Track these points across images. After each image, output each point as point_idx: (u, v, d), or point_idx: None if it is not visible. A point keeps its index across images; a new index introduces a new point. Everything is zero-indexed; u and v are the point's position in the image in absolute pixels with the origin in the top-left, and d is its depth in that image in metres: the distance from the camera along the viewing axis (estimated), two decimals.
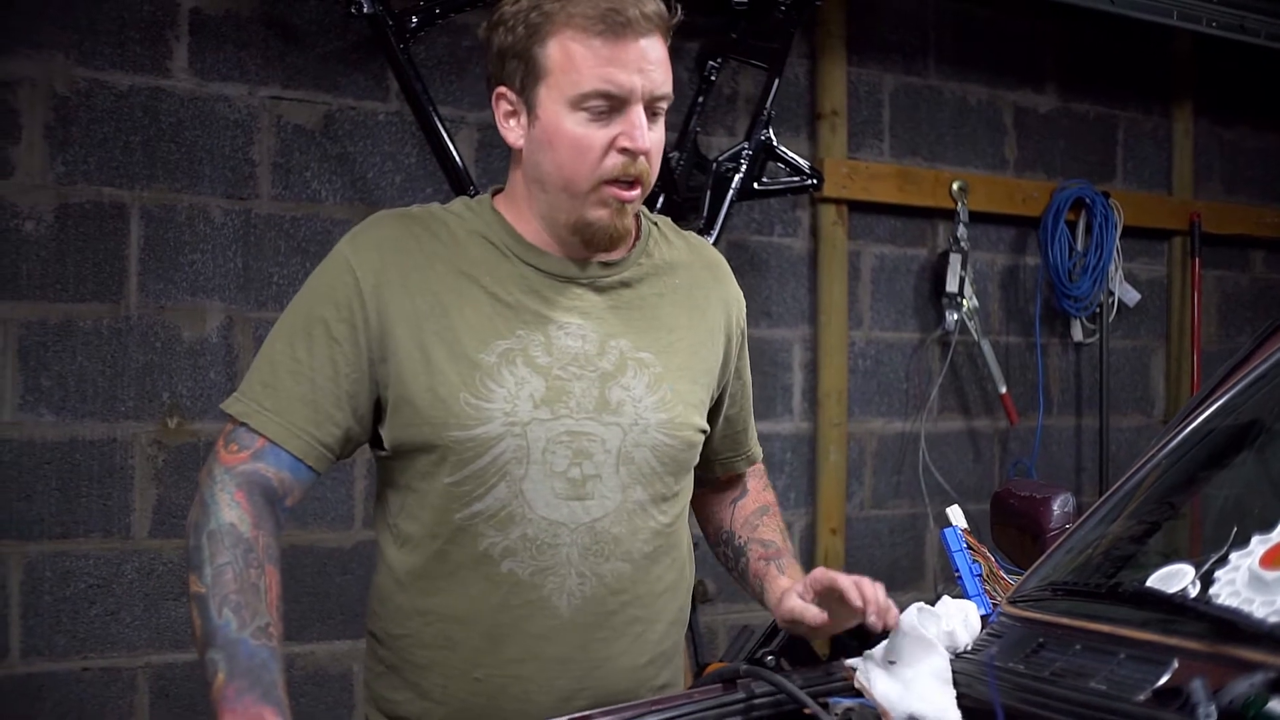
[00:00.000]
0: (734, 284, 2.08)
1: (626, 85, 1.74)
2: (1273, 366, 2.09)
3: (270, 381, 1.80)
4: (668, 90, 1.79)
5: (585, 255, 1.87)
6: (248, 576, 1.67)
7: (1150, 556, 1.92)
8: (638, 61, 1.74)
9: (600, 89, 1.73)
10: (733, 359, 2.04)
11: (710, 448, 2.06)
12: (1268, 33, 4.78)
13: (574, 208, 1.80)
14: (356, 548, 3.65)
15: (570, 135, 1.76)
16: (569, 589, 1.81)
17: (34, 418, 3.30)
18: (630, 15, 1.73)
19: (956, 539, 2.15)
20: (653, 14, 1.76)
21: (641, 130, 1.75)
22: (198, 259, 3.48)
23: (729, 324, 2.03)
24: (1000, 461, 4.88)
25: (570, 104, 1.75)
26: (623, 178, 1.78)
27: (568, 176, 1.78)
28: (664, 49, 1.79)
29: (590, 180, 1.77)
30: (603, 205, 1.79)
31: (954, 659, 1.69)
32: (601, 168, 1.77)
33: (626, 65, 1.73)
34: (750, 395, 2.16)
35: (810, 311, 4.46)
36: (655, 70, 1.76)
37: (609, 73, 1.73)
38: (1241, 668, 1.39)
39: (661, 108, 1.80)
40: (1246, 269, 5.54)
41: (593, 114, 1.75)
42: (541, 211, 1.85)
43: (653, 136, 1.79)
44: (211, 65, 3.49)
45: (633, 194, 1.80)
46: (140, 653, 3.41)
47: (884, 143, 4.61)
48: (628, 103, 1.75)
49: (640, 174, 1.79)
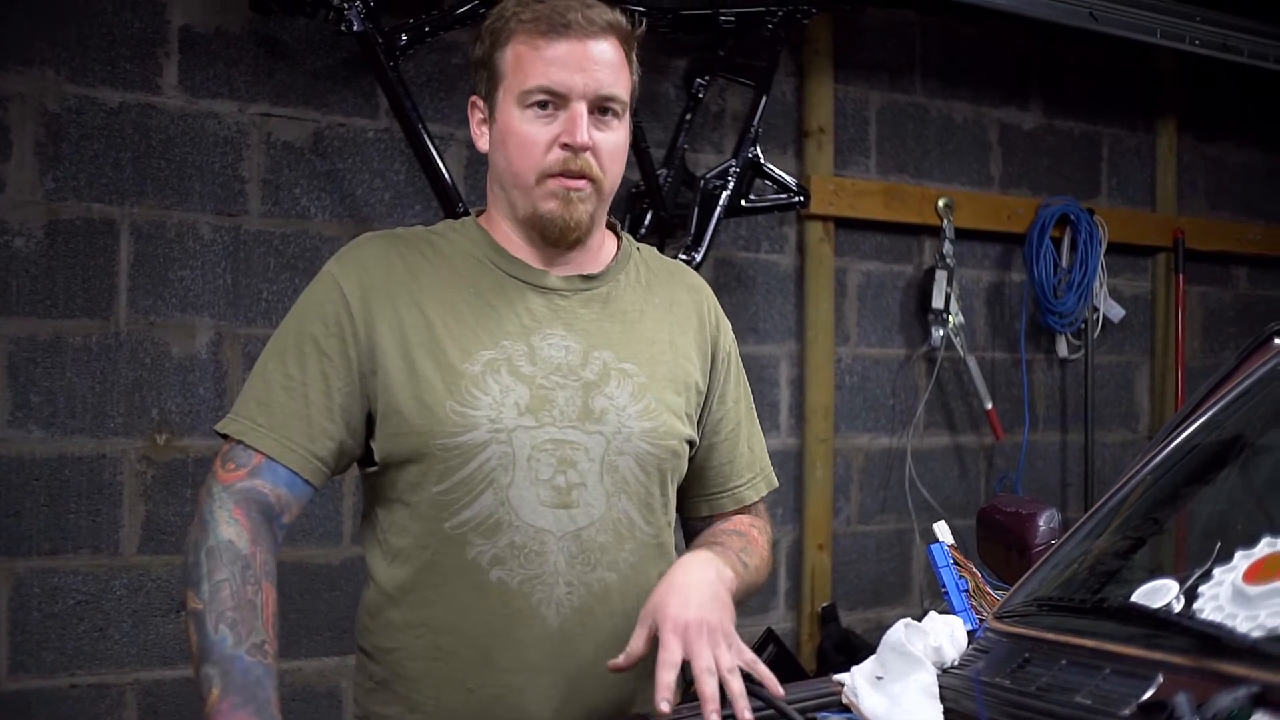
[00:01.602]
0: (717, 309, 2.09)
1: (566, 83, 1.82)
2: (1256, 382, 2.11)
3: (264, 399, 1.82)
4: (616, 91, 1.86)
5: (554, 257, 1.92)
6: (245, 593, 1.68)
7: (1135, 572, 1.93)
8: (579, 61, 1.83)
9: (541, 85, 1.82)
10: (717, 382, 2.04)
11: (694, 482, 2.05)
12: (1251, 51, 4.81)
13: (527, 202, 1.87)
14: (344, 564, 3.65)
15: (517, 132, 1.85)
16: (557, 598, 1.82)
17: (23, 434, 3.30)
18: (571, 19, 1.83)
19: (943, 554, 2.16)
20: (598, 19, 1.85)
21: (580, 126, 1.82)
22: (187, 275, 3.48)
23: (713, 344, 2.04)
24: (986, 477, 4.89)
25: (518, 102, 1.84)
26: (565, 172, 1.84)
27: (516, 171, 1.86)
28: (615, 53, 1.87)
29: (535, 173, 1.85)
30: (551, 197, 1.85)
31: (941, 674, 1.70)
32: (545, 162, 1.84)
33: (567, 65, 1.82)
34: (745, 432, 2.10)
35: (797, 328, 4.47)
36: (599, 70, 1.84)
37: (549, 71, 1.82)
38: (1226, 682, 1.40)
39: (613, 108, 1.87)
40: (1230, 285, 5.57)
41: (537, 111, 1.83)
42: (507, 212, 1.92)
43: (604, 136, 1.86)
44: (201, 82, 3.50)
45: (578, 183, 1.85)
46: (129, 669, 3.41)
47: (870, 160, 4.63)
48: (569, 100, 1.82)
49: (583, 169, 1.84)
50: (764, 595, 4.39)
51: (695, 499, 2.08)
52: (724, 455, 2.07)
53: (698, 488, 2.07)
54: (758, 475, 2.12)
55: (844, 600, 4.51)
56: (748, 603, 4.36)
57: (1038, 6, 4.33)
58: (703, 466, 2.06)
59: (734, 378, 2.09)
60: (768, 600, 4.41)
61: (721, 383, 2.06)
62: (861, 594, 4.61)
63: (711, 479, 2.07)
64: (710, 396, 2.04)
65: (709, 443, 2.06)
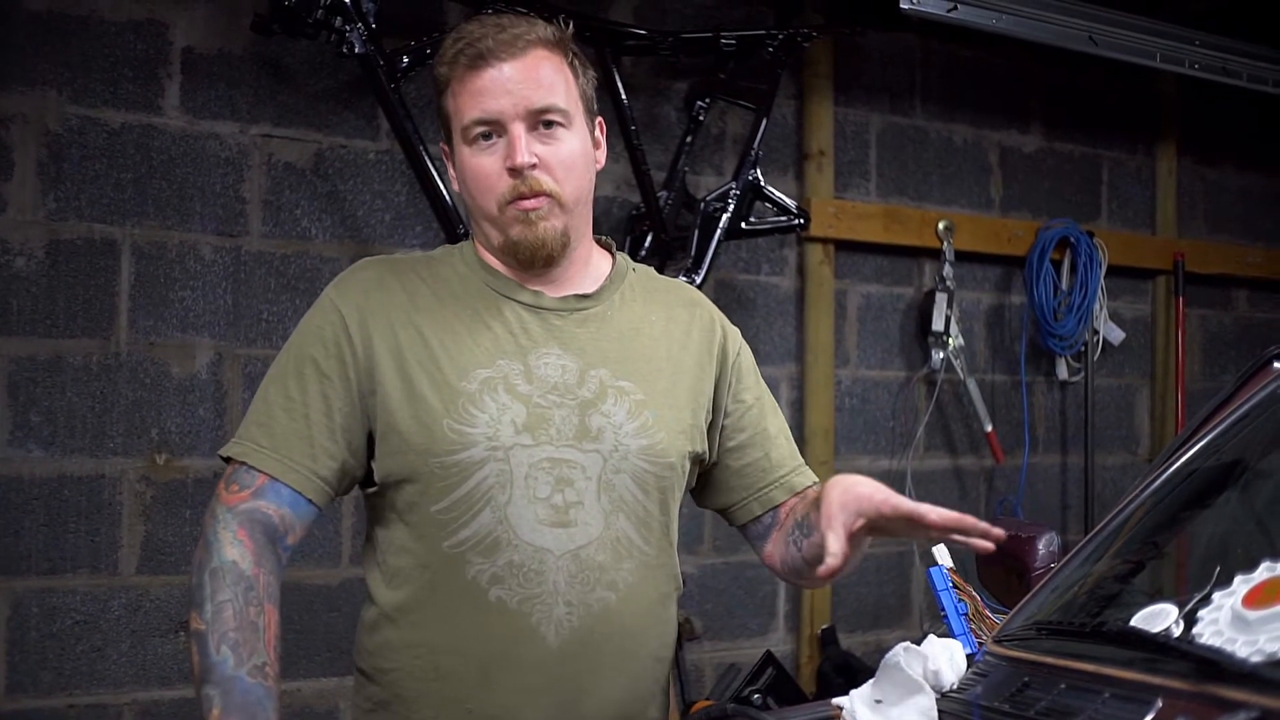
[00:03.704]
0: (717, 316, 2.09)
1: (494, 109, 1.84)
2: (1256, 406, 2.11)
3: (265, 421, 1.84)
4: (551, 101, 1.86)
5: (541, 278, 1.93)
6: (247, 615, 1.70)
7: (1135, 596, 1.93)
8: (503, 84, 1.84)
9: (475, 117, 1.86)
10: (727, 385, 2.04)
11: (735, 486, 2.05)
12: (1250, 74, 4.82)
13: (497, 231, 1.90)
14: (343, 585, 3.64)
15: (469, 168, 1.88)
16: (556, 618, 1.82)
17: (22, 453, 3.30)
18: (485, 47, 1.85)
19: (942, 578, 2.17)
20: (515, 37, 1.86)
21: (518, 147, 1.83)
22: (188, 296, 3.49)
23: (715, 351, 2.03)
24: (986, 500, 4.89)
25: (463, 140, 1.88)
26: (518, 196, 1.85)
27: (479, 205, 1.90)
28: (546, 64, 1.87)
29: (495, 203, 1.87)
30: (515, 223, 1.87)
31: (940, 698, 1.70)
32: (498, 192, 1.86)
33: (492, 91, 1.84)
34: (771, 422, 2.08)
35: (797, 350, 4.47)
36: (525, 87, 1.84)
37: (478, 101, 1.85)
38: (1225, 707, 1.40)
39: (554, 119, 1.87)
40: (1230, 308, 5.57)
41: (484, 142, 1.86)
42: (486, 244, 1.94)
43: (550, 148, 1.87)
44: (203, 103, 3.51)
45: (533, 203, 1.85)
46: (126, 690, 3.40)
47: (870, 182, 4.64)
48: (504, 124, 1.84)
49: (534, 188, 1.85)
50: (763, 617, 4.39)
51: (744, 502, 2.06)
52: (757, 450, 2.05)
53: (741, 490, 2.05)
54: (801, 465, 2.10)
55: (843, 623, 4.50)
56: (747, 624, 4.37)
57: (1038, 30, 4.34)
58: (738, 467, 2.05)
59: (749, 378, 2.08)
60: (767, 622, 4.40)
61: (735, 383, 2.05)
62: (861, 616, 4.60)
63: (752, 475, 2.06)
64: (723, 400, 2.03)
65: (736, 443, 2.04)
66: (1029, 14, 4.29)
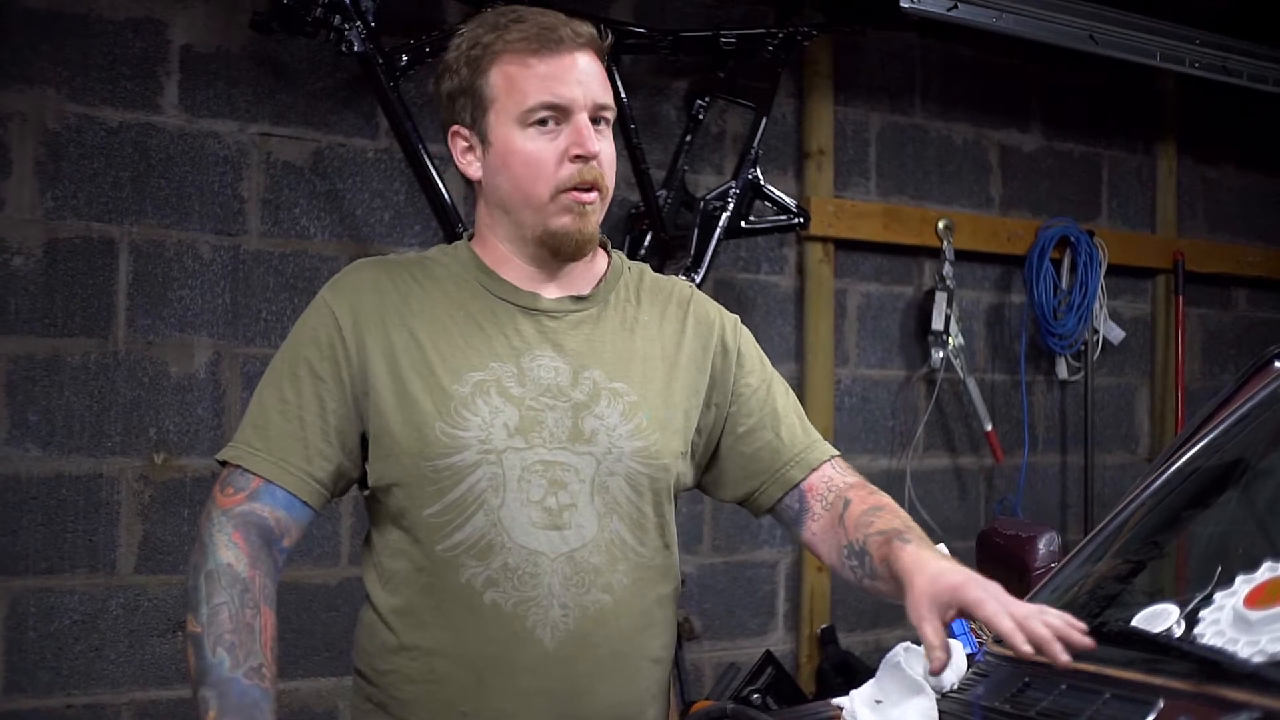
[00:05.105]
0: (713, 308, 2.06)
1: (568, 96, 1.83)
2: (1256, 406, 2.11)
3: (260, 424, 1.84)
4: (608, 100, 1.88)
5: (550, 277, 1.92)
6: (243, 617, 1.70)
7: (1135, 595, 1.93)
8: (575, 74, 1.84)
9: (545, 101, 1.83)
10: (727, 376, 2.01)
11: (750, 472, 2.01)
12: (1250, 73, 4.82)
13: (538, 221, 1.87)
14: (341, 585, 3.64)
15: (523, 152, 1.85)
16: (552, 621, 1.81)
17: (20, 452, 3.29)
18: (563, 34, 1.85)
19: None
20: (584, 33, 1.87)
21: (589, 136, 1.83)
22: (186, 295, 3.48)
23: (713, 345, 2.01)
24: (986, 499, 4.88)
25: (519, 122, 1.84)
26: (579, 185, 1.84)
27: (527, 191, 1.86)
28: (599, 65, 1.89)
29: (549, 190, 1.84)
30: (565, 212, 1.85)
31: (940, 699, 1.70)
32: (558, 178, 1.84)
33: (565, 78, 1.83)
34: (780, 402, 2.03)
35: (797, 349, 4.47)
36: (592, 82, 1.86)
37: (550, 85, 1.83)
38: (1226, 707, 1.40)
39: (606, 118, 1.88)
40: (1230, 307, 5.57)
41: (541, 128, 1.84)
42: (508, 235, 1.92)
43: (603, 146, 1.87)
44: (202, 102, 3.51)
45: (590, 196, 1.86)
46: (124, 690, 3.39)
47: (870, 181, 4.64)
48: (571, 112, 1.84)
49: (595, 179, 1.85)
50: (762, 617, 4.38)
51: (763, 487, 2.02)
52: (768, 431, 2.01)
53: (758, 475, 2.01)
54: (816, 440, 2.04)
55: (843, 622, 4.50)
56: (747, 624, 4.36)
57: (1038, 29, 4.34)
58: (750, 452, 2.01)
59: (753, 363, 2.05)
60: (766, 622, 4.40)
61: (736, 368, 2.02)
62: (861, 616, 4.60)
63: (766, 458, 2.01)
64: (725, 388, 2.01)
65: (746, 427, 2.01)
66: (1029, 13, 4.28)
